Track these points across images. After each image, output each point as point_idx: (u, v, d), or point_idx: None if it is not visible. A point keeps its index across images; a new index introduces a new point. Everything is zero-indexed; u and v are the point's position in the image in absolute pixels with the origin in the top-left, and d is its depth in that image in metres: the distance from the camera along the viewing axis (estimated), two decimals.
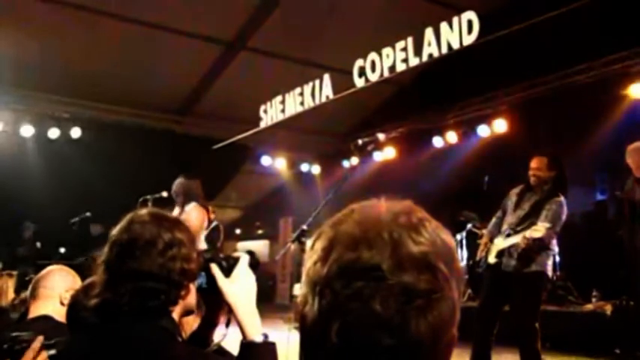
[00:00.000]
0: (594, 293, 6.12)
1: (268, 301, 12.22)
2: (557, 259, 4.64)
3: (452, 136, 8.88)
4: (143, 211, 1.54)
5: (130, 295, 1.40)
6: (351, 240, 0.71)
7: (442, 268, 0.70)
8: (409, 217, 0.73)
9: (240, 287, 1.54)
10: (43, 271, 2.54)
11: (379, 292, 0.67)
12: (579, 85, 7.15)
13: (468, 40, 4.61)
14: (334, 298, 0.69)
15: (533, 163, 4.51)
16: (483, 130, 8.49)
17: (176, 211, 5.43)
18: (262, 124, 7.37)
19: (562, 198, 4.31)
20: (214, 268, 1.53)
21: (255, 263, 1.62)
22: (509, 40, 4.86)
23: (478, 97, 8.42)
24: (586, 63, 7.04)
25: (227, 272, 1.54)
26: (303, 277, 0.75)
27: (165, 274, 1.44)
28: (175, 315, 1.49)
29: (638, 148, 5.13)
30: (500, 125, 8.25)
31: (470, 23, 4.62)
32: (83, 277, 2.42)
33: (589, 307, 6.03)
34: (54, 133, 8.90)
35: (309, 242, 0.80)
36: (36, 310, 2.44)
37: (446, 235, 0.75)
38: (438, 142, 9.07)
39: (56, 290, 2.46)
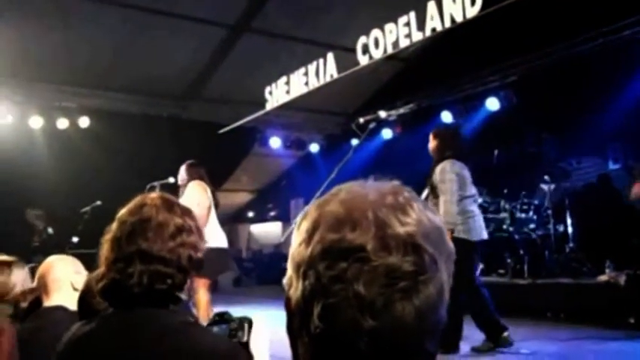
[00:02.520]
0: (607, 264, 6.07)
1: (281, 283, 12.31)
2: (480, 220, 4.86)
3: (459, 111, 8.79)
4: (154, 195, 1.54)
5: (138, 276, 1.39)
6: (335, 220, 0.69)
7: (429, 249, 0.67)
8: (396, 197, 0.71)
9: None
10: (44, 265, 2.54)
11: (363, 273, 0.65)
12: (588, 54, 7.01)
13: (472, 12, 4.51)
14: (317, 280, 0.67)
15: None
16: (492, 103, 8.39)
17: (181, 198, 5.45)
18: (268, 106, 7.33)
19: (442, 162, 4.69)
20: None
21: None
22: (515, 9, 4.76)
23: (485, 69, 8.30)
24: (594, 31, 6.90)
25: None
26: (289, 259, 0.73)
27: (175, 258, 1.43)
28: None
29: None
30: (509, 97, 8.15)
31: None
32: (97, 266, 2.44)
33: (602, 278, 5.99)
34: (62, 123, 8.95)
35: (296, 224, 0.78)
36: (49, 303, 2.47)
37: (434, 215, 0.72)
38: (446, 117, 8.99)
39: (65, 278, 2.48)
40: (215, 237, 5.22)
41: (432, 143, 4.91)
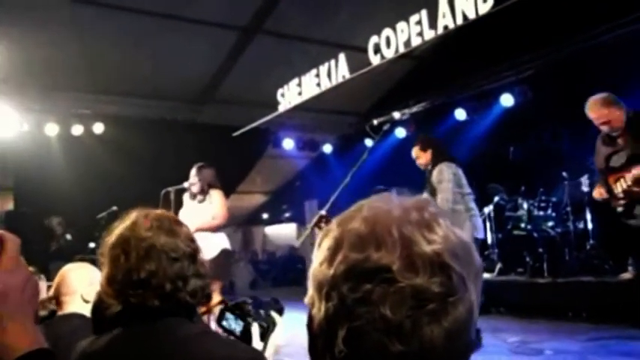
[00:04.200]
0: (630, 261, 5.96)
1: (298, 284, 12.31)
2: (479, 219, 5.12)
3: (474, 108, 8.70)
4: (151, 215, 1.51)
5: (157, 298, 1.39)
6: (359, 239, 0.66)
7: (457, 268, 0.65)
8: (421, 213, 0.68)
9: None
10: (60, 274, 2.55)
11: (389, 295, 0.63)
12: (605, 46, 6.89)
13: (484, 8, 4.44)
14: (341, 302, 0.65)
15: (412, 155, 5.18)
16: (507, 99, 8.29)
17: (187, 200, 5.48)
18: (281, 108, 7.32)
19: (439, 165, 4.92)
20: (254, 328, 1.53)
21: (280, 308, 1.66)
22: (528, 3, 4.68)
23: (499, 65, 8.20)
24: (611, 22, 6.77)
25: (263, 335, 1.54)
26: (310, 278, 0.71)
27: (189, 274, 1.44)
28: None
29: None
30: (524, 93, 8.04)
31: None
32: None
33: (625, 276, 5.88)
34: (77, 130, 9.02)
35: (317, 238, 0.75)
36: (62, 312, 2.47)
37: (461, 231, 0.70)
38: (460, 114, 8.91)
39: (77, 290, 2.48)
40: (225, 240, 5.32)
41: (424, 155, 5.13)
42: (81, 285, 2.46)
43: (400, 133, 9.80)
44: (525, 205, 7.14)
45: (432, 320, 0.63)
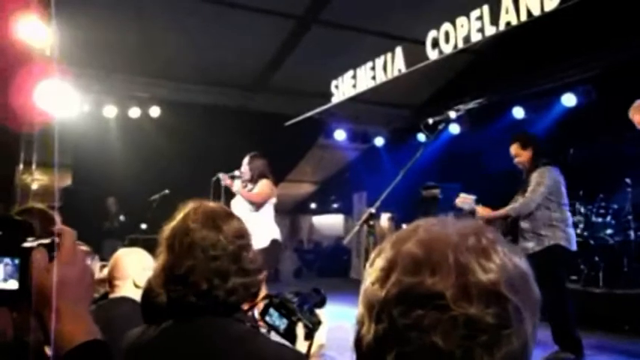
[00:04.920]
0: None
1: (344, 275, 12.33)
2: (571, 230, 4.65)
3: (533, 107, 8.42)
4: (197, 210, 1.51)
5: (218, 291, 1.39)
6: (413, 262, 0.65)
7: (513, 299, 0.63)
8: (478, 239, 0.66)
9: None
10: (114, 257, 2.62)
11: (441, 323, 0.61)
12: None
13: (551, 4, 4.24)
14: (391, 325, 0.63)
15: (511, 152, 4.79)
16: (569, 99, 7.98)
17: (237, 185, 5.55)
18: (334, 100, 7.28)
19: (541, 167, 4.56)
20: (299, 327, 1.52)
21: (322, 299, 1.65)
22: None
23: (563, 63, 7.88)
24: None
25: (309, 335, 1.53)
26: (361, 296, 0.70)
27: (247, 268, 1.44)
28: None
29: None
30: (588, 93, 7.71)
31: None
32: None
33: None
34: (135, 112, 9.25)
35: (373, 256, 0.72)
36: (114, 295, 2.54)
37: (519, 260, 0.67)
38: (518, 112, 8.64)
39: (129, 274, 2.53)
40: (276, 231, 5.37)
41: (525, 153, 4.74)
42: (134, 270, 2.52)
43: (454, 129, 9.61)
44: (583, 211, 6.86)
45: (484, 352, 0.61)
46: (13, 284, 0.85)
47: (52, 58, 5.22)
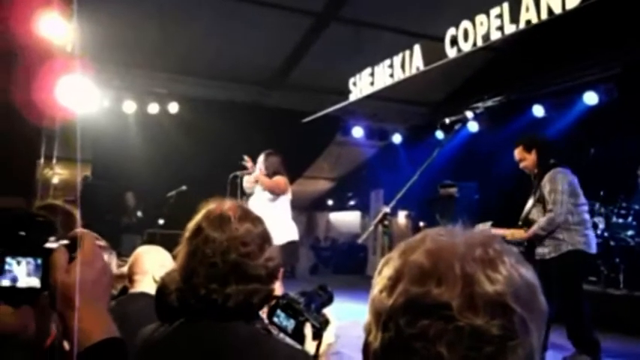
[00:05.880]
0: None
1: (360, 272, 12.32)
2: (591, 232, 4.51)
3: (553, 105, 8.30)
4: (232, 205, 1.50)
5: (236, 295, 1.38)
6: (420, 272, 0.65)
7: (519, 311, 0.63)
8: (485, 250, 0.66)
9: None
10: (134, 254, 2.68)
11: (446, 333, 0.61)
12: None
13: (572, 2, 4.18)
14: (398, 335, 0.64)
15: (516, 157, 4.62)
16: (590, 98, 7.85)
17: (256, 172, 5.56)
18: (352, 97, 7.27)
19: (550, 171, 4.38)
20: (307, 327, 1.51)
21: (329, 297, 1.65)
22: None
23: (585, 61, 7.75)
24: None
25: (316, 334, 1.52)
26: (369, 303, 0.71)
27: (265, 273, 1.43)
28: None
29: None
30: (610, 91, 7.59)
31: None
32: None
33: None
34: (153, 108, 9.33)
35: (379, 266, 0.73)
36: (133, 291, 2.59)
37: (526, 271, 0.67)
38: (537, 111, 8.53)
39: (149, 270, 2.59)
40: (295, 231, 5.36)
41: (529, 156, 4.54)
42: (153, 266, 2.59)
43: (473, 127, 9.53)
44: (603, 211, 6.76)
45: None
46: (35, 282, 0.89)
47: (73, 54, 5.29)
